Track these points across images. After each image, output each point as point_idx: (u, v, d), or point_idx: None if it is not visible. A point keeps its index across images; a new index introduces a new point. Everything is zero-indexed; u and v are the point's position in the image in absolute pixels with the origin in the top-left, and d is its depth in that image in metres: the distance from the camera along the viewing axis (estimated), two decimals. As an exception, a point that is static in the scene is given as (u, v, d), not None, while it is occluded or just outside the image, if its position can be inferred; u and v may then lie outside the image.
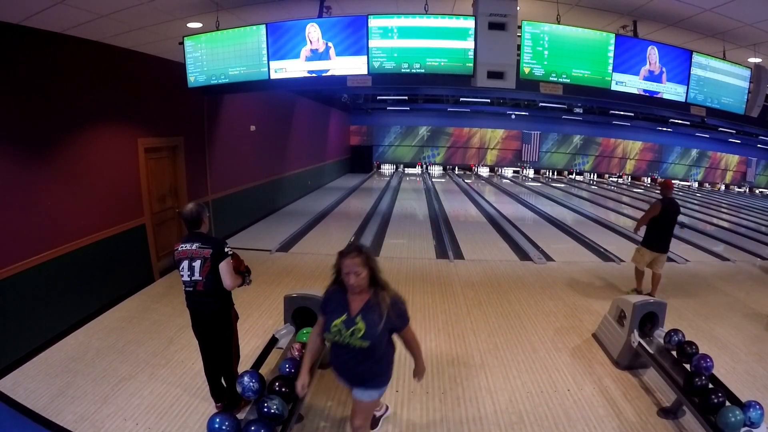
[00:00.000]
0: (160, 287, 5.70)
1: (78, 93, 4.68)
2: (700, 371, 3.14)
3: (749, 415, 2.70)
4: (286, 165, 11.70)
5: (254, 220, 9.44)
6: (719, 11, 4.07)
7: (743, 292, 6.06)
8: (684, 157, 24.33)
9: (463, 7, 4.41)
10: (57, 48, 4.38)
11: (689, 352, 3.40)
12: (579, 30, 4.47)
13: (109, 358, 3.94)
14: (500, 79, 4.23)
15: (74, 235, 4.60)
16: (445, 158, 23.71)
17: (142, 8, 4.05)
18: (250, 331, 4.52)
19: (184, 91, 5.13)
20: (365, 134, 23.10)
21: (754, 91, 5.12)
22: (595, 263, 7.31)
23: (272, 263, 6.82)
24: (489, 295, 5.64)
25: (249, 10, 4.64)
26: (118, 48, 5.17)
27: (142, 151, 5.66)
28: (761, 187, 24.35)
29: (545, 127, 22.85)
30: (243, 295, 5.45)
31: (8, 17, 3.75)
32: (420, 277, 6.29)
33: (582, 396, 3.54)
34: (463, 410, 3.35)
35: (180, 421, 3.14)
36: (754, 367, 4.05)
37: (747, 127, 13.61)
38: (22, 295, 3.98)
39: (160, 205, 6.19)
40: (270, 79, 4.74)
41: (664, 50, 4.71)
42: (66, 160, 4.52)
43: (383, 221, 10.21)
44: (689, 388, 3.02)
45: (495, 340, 4.47)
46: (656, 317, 3.91)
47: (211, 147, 7.46)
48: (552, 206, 13.44)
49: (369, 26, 4.32)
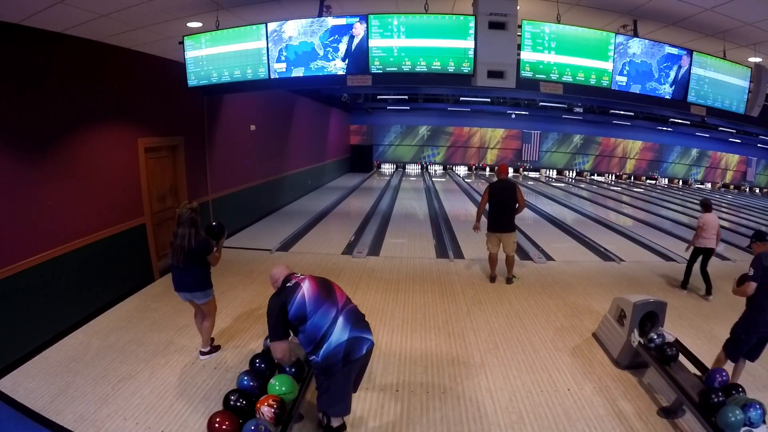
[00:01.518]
0: (160, 287, 5.70)
1: (78, 92, 4.67)
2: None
3: (749, 415, 2.70)
4: (286, 164, 11.70)
5: (254, 219, 9.44)
6: (719, 11, 4.06)
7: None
8: (684, 156, 24.32)
9: (463, 7, 4.41)
10: (57, 48, 4.38)
11: (669, 354, 3.43)
12: (579, 29, 4.48)
13: (109, 358, 3.94)
14: (500, 78, 4.23)
15: (74, 235, 4.60)
16: (445, 157, 23.71)
17: (141, 8, 4.05)
18: (250, 331, 4.52)
19: (184, 91, 5.13)
20: (365, 134, 23.11)
21: (754, 90, 5.11)
22: (595, 263, 7.31)
23: (272, 263, 6.82)
24: (489, 295, 5.64)
25: (249, 10, 4.64)
26: (118, 48, 5.17)
27: (142, 150, 5.65)
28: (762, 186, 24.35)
29: (545, 126, 22.84)
30: (243, 294, 5.47)
31: (8, 17, 3.75)
32: (420, 277, 6.29)
33: (582, 396, 3.54)
34: (463, 409, 3.35)
35: (180, 421, 3.14)
36: (754, 367, 4.04)
37: (747, 126, 13.61)
38: (22, 295, 3.98)
39: (160, 205, 6.19)
40: (270, 78, 4.74)
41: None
42: (66, 160, 4.52)
43: (383, 221, 10.21)
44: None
45: (495, 339, 4.47)
46: (656, 317, 3.91)
47: (211, 147, 7.46)
48: (552, 205, 13.44)
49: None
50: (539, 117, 21.67)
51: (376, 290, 5.73)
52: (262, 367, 2.99)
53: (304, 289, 2.70)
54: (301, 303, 2.65)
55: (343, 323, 2.68)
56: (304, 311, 2.64)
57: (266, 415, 2.52)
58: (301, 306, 2.64)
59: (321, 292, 2.73)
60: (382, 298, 5.50)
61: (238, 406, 2.62)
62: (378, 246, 7.96)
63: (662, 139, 23.37)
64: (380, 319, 4.89)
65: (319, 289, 2.74)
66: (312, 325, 2.63)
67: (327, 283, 2.86)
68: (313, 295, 2.69)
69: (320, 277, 2.87)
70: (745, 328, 3.45)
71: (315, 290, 2.72)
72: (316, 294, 2.70)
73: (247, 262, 6.70)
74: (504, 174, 6.02)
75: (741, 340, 3.47)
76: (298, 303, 2.65)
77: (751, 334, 3.41)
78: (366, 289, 5.75)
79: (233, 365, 3.87)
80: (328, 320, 2.65)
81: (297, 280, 2.77)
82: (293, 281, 2.77)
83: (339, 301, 2.76)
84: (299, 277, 2.80)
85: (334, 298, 2.75)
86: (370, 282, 6.03)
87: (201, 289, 3.82)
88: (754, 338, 3.42)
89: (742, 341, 3.47)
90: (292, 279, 2.79)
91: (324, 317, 2.65)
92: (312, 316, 2.63)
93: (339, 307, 2.73)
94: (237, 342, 4.31)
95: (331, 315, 2.67)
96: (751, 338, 3.43)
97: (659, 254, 8.00)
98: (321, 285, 2.78)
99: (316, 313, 2.64)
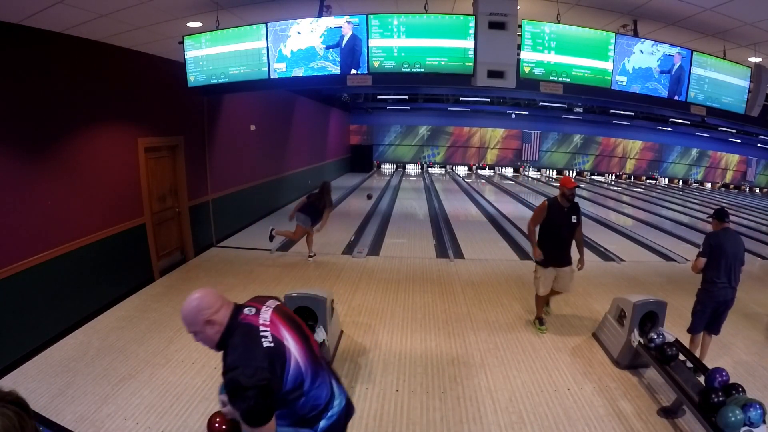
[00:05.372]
0: (160, 287, 5.70)
1: (77, 93, 4.67)
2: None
3: (749, 415, 2.70)
4: (286, 164, 11.70)
5: (254, 219, 9.43)
6: (719, 10, 4.06)
7: (743, 292, 5.97)
8: (684, 156, 24.31)
9: (463, 7, 4.41)
10: (57, 48, 4.37)
11: (669, 354, 3.43)
12: (579, 29, 4.48)
13: (109, 358, 3.94)
14: (500, 78, 4.23)
15: (74, 235, 4.60)
16: (445, 157, 23.71)
17: (141, 8, 4.05)
18: (250, 330, 4.52)
19: (184, 91, 5.12)
20: (365, 133, 23.10)
21: (754, 90, 5.11)
22: (596, 263, 7.30)
23: (272, 263, 6.82)
24: (489, 295, 5.64)
25: (249, 10, 4.64)
26: (118, 47, 5.16)
27: (142, 150, 5.65)
28: (762, 186, 24.35)
29: (545, 126, 22.85)
30: (243, 294, 5.44)
31: (8, 17, 3.75)
32: (420, 277, 6.29)
33: (582, 396, 3.54)
34: (463, 409, 3.35)
35: (180, 421, 3.14)
36: (754, 367, 4.05)
37: (747, 126, 13.60)
38: (22, 294, 3.98)
39: (160, 205, 6.19)
40: (270, 78, 4.74)
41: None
42: (66, 160, 4.52)
43: (383, 220, 10.21)
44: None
45: (495, 339, 4.46)
46: (656, 317, 3.92)
47: (211, 146, 7.46)
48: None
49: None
50: (539, 117, 21.68)
51: (376, 290, 5.73)
52: None
53: (293, 350, 1.72)
54: (296, 374, 1.70)
55: (337, 385, 1.91)
56: (302, 383, 1.73)
57: None
58: (297, 377, 1.71)
59: (308, 351, 1.80)
60: (382, 298, 5.49)
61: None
62: (378, 246, 7.96)
63: (662, 139, 23.37)
64: (380, 319, 4.89)
65: (304, 346, 1.79)
66: (311, 396, 1.77)
67: (300, 328, 1.88)
68: (304, 358, 1.76)
69: (288, 318, 1.86)
70: (699, 300, 3.89)
71: (304, 349, 1.78)
72: (306, 355, 1.77)
73: (247, 262, 6.70)
74: (571, 187, 4.39)
75: (697, 312, 3.90)
76: (294, 374, 1.69)
77: (705, 305, 3.83)
78: (366, 289, 5.75)
79: (233, 365, 3.87)
80: (326, 389, 1.83)
81: (268, 328, 1.71)
82: (266, 330, 1.69)
83: (319, 355, 1.90)
84: (266, 321, 1.73)
85: (315, 355, 1.86)
86: (370, 282, 6.03)
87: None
88: (708, 309, 3.83)
89: (698, 313, 3.89)
90: (257, 324, 1.71)
91: (322, 386, 1.81)
92: (311, 387, 1.76)
93: (324, 363, 1.92)
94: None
95: (327, 381, 1.85)
96: (706, 309, 3.84)
97: (659, 254, 8.00)
98: (302, 338, 1.82)
99: (314, 384, 1.77)
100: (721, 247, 3.74)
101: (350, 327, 4.66)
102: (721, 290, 3.74)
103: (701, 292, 3.88)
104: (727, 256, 3.72)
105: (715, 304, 3.79)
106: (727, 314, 3.87)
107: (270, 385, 1.60)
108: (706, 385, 3.10)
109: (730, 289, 3.76)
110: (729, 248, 3.74)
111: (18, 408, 1.13)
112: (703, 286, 3.86)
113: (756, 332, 4.80)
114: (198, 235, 7.02)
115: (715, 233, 3.84)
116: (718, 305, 3.79)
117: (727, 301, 3.79)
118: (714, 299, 3.77)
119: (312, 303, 3.81)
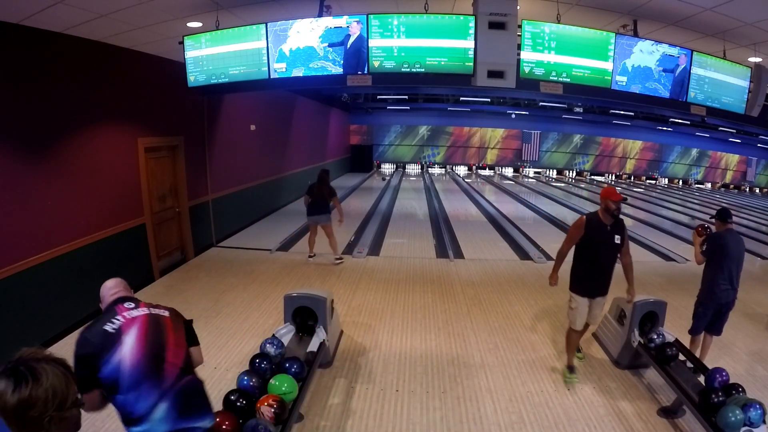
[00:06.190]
0: (160, 287, 5.70)
1: (78, 92, 4.67)
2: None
3: (749, 415, 2.70)
4: (286, 164, 11.70)
5: (254, 219, 9.43)
6: (719, 10, 4.06)
7: (743, 292, 5.95)
8: (684, 156, 24.32)
9: (463, 7, 4.41)
10: (57, 48, 4.37)
11: (669, 354, 3.43)
12: (579, 29, 4.48)
13: (109, 358, 3.94)
14: (500, 78, 4.23)
15: (74, 235, 4.60)
16: (445, 157, 23.72)
17: (141, 8, 4.05)
18: (250, 330, 4.52)
19: (184, 91, 5.13)
20: (365, 133, 23.10)
21: (754, 90, 5.11)
22: (595, 263, 7.30)
23: (272, 263, 6.82)
24: (489, 295, 5.64)
25: (249, 10, 4.64)
26: (117, 47, 5.16)
27: (142, 150, 5.65)
28: (762, 186, 24.35)
29: (545, 126, 22.85)
30: (243, 294, 5.46)
31: (8, 17, 3.75)
32: (420, 277, 6.29)
33: (582, 396, 3.54)
34: (463, 410, 3.35)
35: (180, 421, 3.14)
36: (754, 367, 4.05)
37: (747, 126, 13.60)
38: (22, 295, 3.98)
39: (160, 205, 6.19)
40: (270, 78, 4.74)
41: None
42: (65, 160, 4.52)
43: (383, 220, 10.20)
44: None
45: (495, 339, 4.46)
46: (656, 317, 3.91)
47: (211, 146, 7.46)
48: (552, 205, 13.44)
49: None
50: (539, 117, 21.68)
51: (376, 290, 5.73)
52: (263, 366, 3.00)
53: (126, 351, 1.83)
54: (114, 370, 1.81)
55: (165, 411, 1.85)
56: (116, 383, 1.82)
57: (266, 415, 2.52)
58: (114, 374, 1.81)
59: (146, 363, 1.85)
60: (382, 298, 5.50)
61: (238, 405, 2.62)
62: (378, 246, 7.96)
63: (662, 139, 23.37)
64: (380, 319, 4.89)
65: (146, 357, 1.86)
66: (123, 401, 1.84)
67: (159, 342, 1.93)
68: (134, 364, 1.83)
69: (154, 327, 1.96)
70: (701, 302, 3.84)
71: (140, 358, 1.84)
72: (139, 364, 1.83)
73: (248, 262, 6.70)
74: (617, 200, 3.49)
75: (698, 313, 3.85)
76: (112, 369, 1.81)
77: (707, 307, 3.78)
78: (366, 289, 5.75)
79: (233, 365, 3.86)
80: (144, 405, 1.83)
81: (124, 320, 1.91)
82: (118, 320, 1.90)
83: (168, 377, 1.89)
84: (128, 316, 1.94)
85: (161, 374, 1.88)
86: (370, 282, 6.03)
87: None
88: (710, 311, 3.78)
89: (699, 314, 3.84)
90: (119, 314, 1.94)
91: (140, 401, 1.82)
92: (126, 393, 1.82)
93: (166, 386, 1.87)
94: (237, 342, 4.30)
95: (150, 400, 1.83)
96: (707, 311, 3.79)
97: (659, 254, 8.00)
98: (150, 350, 1.88)
99: (130, 392, 1.82)
100: (725, 249, 3.70)
101: (350, 327, 4.66)
102: (723, 292, 3.71)
103: (703, 294, 3.82)
104: (730, 258, 3.68)
105: (717, 305, 3.75)
106: (728, 315, 3.85)
107: (88, 358, 1.82)
108: (706, 385, 3.10)
109: (732, 291, 3.73)
110: (733, 250, 3.70)
111: (65, 369, 1.28)
112: (705, 288, 3.80)
113: (756, 332, 4.80)
114: (198, 235, 7.02)
115: (719, 234, 3.78)
116: (719, 307, 3.76)
117: (729, 302, 3.77)
118: (716, 301, 3.73)
119: (312, 303, 3.81)
